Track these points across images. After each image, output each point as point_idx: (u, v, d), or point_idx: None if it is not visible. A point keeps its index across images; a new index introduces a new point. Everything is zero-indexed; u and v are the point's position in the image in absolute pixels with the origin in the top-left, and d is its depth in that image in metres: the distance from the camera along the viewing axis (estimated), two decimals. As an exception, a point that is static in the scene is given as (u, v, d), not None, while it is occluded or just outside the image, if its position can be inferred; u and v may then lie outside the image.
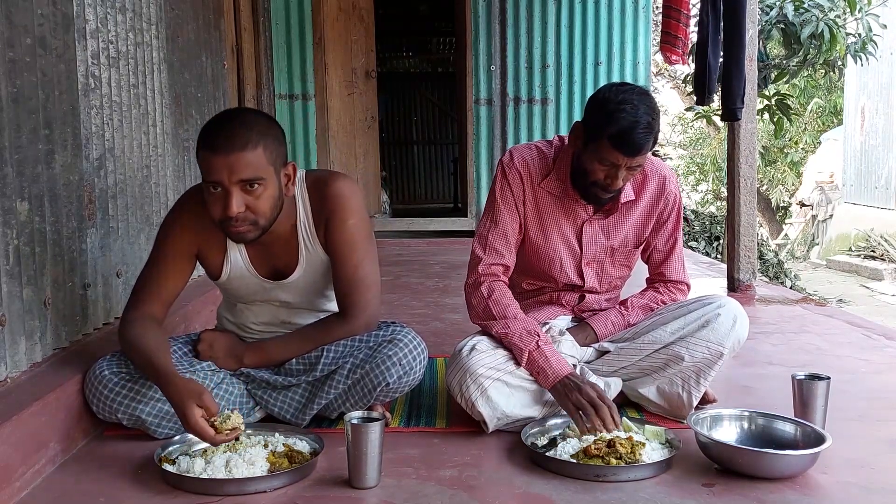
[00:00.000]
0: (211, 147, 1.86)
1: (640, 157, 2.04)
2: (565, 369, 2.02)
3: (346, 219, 2.05)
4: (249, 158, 1.85)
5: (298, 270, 2.11)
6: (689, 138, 18.43)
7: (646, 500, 1.69)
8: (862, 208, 12.89)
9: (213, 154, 1.85)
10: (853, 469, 1.86)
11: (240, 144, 1.85)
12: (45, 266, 2.08)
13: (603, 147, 2.02)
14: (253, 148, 1.86)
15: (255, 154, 1.86)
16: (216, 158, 1.85)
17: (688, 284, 2.37)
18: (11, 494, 1.67)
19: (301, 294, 2.17)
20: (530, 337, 2.06)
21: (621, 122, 1.99)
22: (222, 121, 1.92)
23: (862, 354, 2.97)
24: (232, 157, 1.84)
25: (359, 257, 2.08)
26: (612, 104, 2.01)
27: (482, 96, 6.65)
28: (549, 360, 2.03)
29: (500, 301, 2.14)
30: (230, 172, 1.85)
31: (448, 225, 6.89)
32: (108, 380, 1.99)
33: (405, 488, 1.74)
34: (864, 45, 7.44)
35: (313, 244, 2.09)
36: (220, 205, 1.89)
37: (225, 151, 1.84)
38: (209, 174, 1.87)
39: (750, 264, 4.13)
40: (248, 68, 5.32)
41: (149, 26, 2.97)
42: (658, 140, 2.09)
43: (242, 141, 1.85)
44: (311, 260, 2.11)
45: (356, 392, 2.03)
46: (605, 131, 2.01)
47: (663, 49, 5.41)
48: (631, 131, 1.98)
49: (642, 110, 1.99)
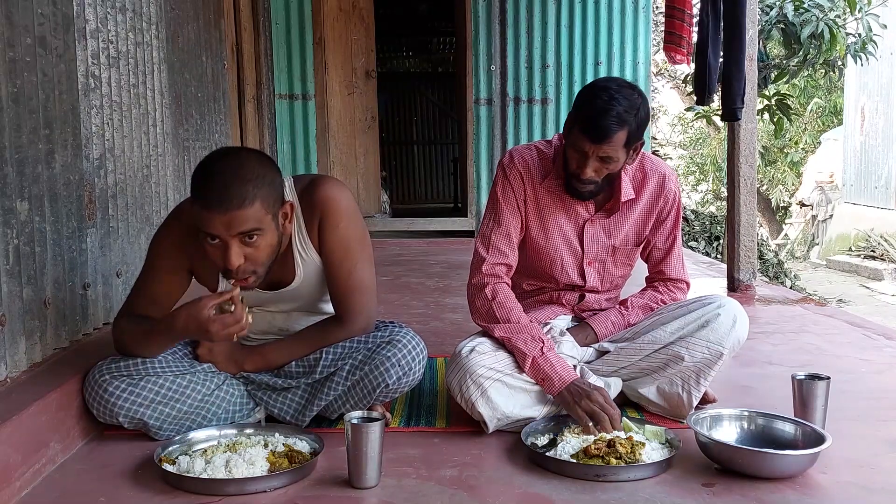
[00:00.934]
0: (206, 204, 1.80)
1: (608, 147, 2.02)
2: (571, 375, 2.02)
3: (336, 223, 2.04)
4: (247, 214, 1.81)
5: (296, 281, 2.10)
6: (689, 138, 18.42)
7: (646, 499, 1.69)
8: (862, 208, 12.89)
9: (209, 212, 1.80)
10: (853, 469, 1.86)
11: (236, 202, 1.79)
12: (45, 266, 2.08)
13: (574, 133, 2.05)
14: (250, 204, 1.81)
15: (253, 209, 1.82)
16: (212, 215, 1.80)
17: (687, 283, 2.37)
18: (11, 494, 1.67)
19: (299, 302, 2.17)
20: (535, 343, 2.06)
21: (592, 107, 2.01)
22: (215, 173, 1.83)
23: (862, 354, 2.97)
24: (228, 216, 1.80)
25: (352, 261, 2.07)
26: (592, 91, 2.05)
27: (482, 96, 6.64)
28: (555, 366, 2.02)
29: (504, 304, 2.14)
30: (227, 228, 1.81)
31: (448, 225, 6.89)
32: (108, 384, 1.99)
33: (405, 488, 1.74)
34: (864, 45, 7.45)
35: (308, 251, 2.07)
36: (219, 254, 1.86)
37: (220, 210, 1.79)
38: (205, 226, 1.83)
39: (750, 264, 4.13)
40: (248, 68, 5.32)
41: (149, 26, 2.97)
42: (639, 137, 2.07)
43: (239, 199, 1.79)
44: (307, 269, 2.09)
45: (356, 393, 2.03)
46: (578, 116, 2.04)
47: (667, 49, 5.40)
48: (599, 117, 1.99)
49: (618, 100, 2.00)
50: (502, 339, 2.10)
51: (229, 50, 4.62)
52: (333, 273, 2.08)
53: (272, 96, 6.10)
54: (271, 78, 6.09)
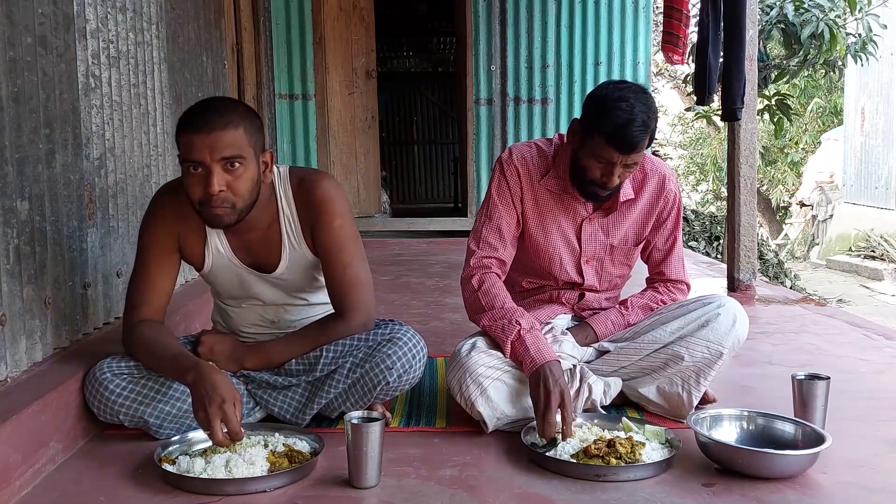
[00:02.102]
0: (193, 127, 1.89)
1: (636, 155, 2.04)
2: (543, 358, 1.97)
3: (332, 221, 2.07)
4: (231, 137, 1.89)
5: (282, 266, 2.12)
6: (689, 138, 18.42)
7: (646, 499, 1.69)
8: (862, 208, 12.90)
9: (196, 133, 1.88)
10: (853, 469, 1.86)
11: (221, 124, 1.88)
12: (45, 265, 2.08)
13: (598, 144, 2.03)
14: (234, 128, 1.90)
15: (237, 133, 1.90)
16: (198, 137, 1.87)
17: (687, 284, 2.37)
18: (12, 494, 1.67)
19: (284, 290, 2.18)
20: (511, 327, 2.05)
21: (617, 118, 1.99)
22: (202, 104, 1.98)
23: (862, 354, 2.97)
24: (213, 136, 1.87)
25: (348, 257, 2.09)
26: (609, 101, 2.02)
27: (482, 96, 6.65)
28: (529, 349, 2.00)
29: (488, 291, 2.14)
30: (212, 150, 1.87)
31: (448, 225, 6.89)
32: (109, 381, 1.99)
33: (405, 488, 1.74)
34: (864, 45, 7.45)
35: (298, 243, 2.11)
36: (200, 185, 1.91)
37: (207, 130, 1.87)
38: (190, 153, 1.89)
39: (750, 264, 4.13)
40: (249, 68, 5.32)
41: (149, 26, 2.97)
42: (654, 138, 2.09)
43: (223, 121, 1.89)
44: (294, 257, 2.12)
45: (356, 391, 2.04)
46: (601, 128, 2.01)
47: (665, 49, 5.41)
48: (626, 128, 1.99)
49: (638, 108, 2.00)
50: (487, 328, 2.11)
51: (229, 50, 4.62)
52: (331, 270, 2.10)
53: (272, 96, 6.10)
54: (271, 78, 6.09)
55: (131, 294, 2.11)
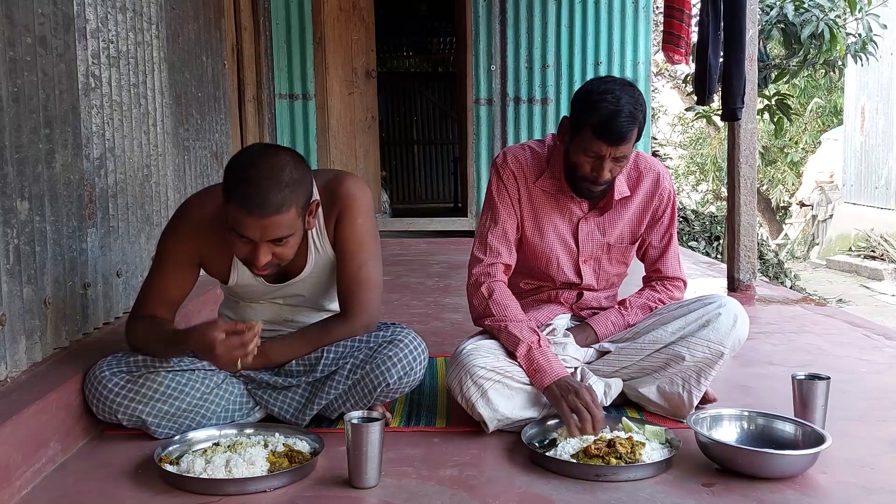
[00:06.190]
0: (245, 207, 1.80)
1: (625, 147, 2.04)
2: (564, 371, 2.02)
3: (355, 218, 2.07)
4: (283, 220, 1.84)
5: (306, 270, 2.12)
6: (689, 138, 18.42)
7: (646, 499, 1.69)
8: (862, 208, 12.90)
9: (248, 216, 1.81)
10: (853, 469, 1.86)
11: (274, 207, 1.81)
12: (45, 265, 2.08)
13: (587, 138, 2.04)
14: (287, 210, 1.84)
15: (289, 216, 1.85)
16: (250, 220, 1.82)
17: (684, 280, 2.37)
18: (12, 494, 1.67)
19: (306, 293, 2.18)
20: (532, 334, 2.07)
21: (603, 110, 2.00)
22: (255, 178, 1.82)
23: (862, 354, 2.97)
24: (266, 221, 1.82)
25: (364, 257, 2.09)
26: (594, 94, 2.03)
27: (482, 96, 6.65)
28: (550, 360, 2.03)
29: (500, 302, 2.15)
30: (262, 233, 1.84)
31: (448, 225, 6.89)
32: (108, 380, 1.99)
33: (405, 488, 1.74)
34: (864, 45, 7.45)
35: (322, 244, 2.11)
36: (245, 251, 1.89)
37: (259, 215, 1.81)
38: (240, 228, 1.84)
39: (750, 264, 4.13)
40: (249, 68, 5.32)
41: (149, 26, 2.97)
42: (643, 131, 2.09)
43: (277, 204, 1.81)
44: (318, 260, 2.12)
45: (356, 392, 2.03)
46: (588, 121, 2.03)
47: (666, 49, 5.41)
48: (612, 119, 1.99)
49: (625, 99, 2.00)
50: (496, 326, 2.11)
51: (229, 50, 4.62)
52: (344, 266, 2.10)
53: (272, 96, 6.11)
54: (271, 77, 6.10)
55: (139, 299, 2.12)
